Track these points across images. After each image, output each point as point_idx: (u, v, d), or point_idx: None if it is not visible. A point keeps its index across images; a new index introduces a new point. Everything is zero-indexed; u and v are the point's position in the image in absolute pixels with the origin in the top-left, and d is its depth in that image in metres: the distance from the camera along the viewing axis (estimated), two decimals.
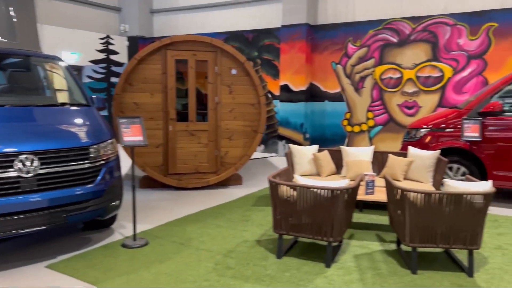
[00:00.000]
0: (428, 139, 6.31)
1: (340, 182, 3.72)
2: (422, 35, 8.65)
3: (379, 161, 6.14)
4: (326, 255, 3.72)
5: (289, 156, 5.93)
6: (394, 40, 8.96)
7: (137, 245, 4.10)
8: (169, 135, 6.46)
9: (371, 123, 9.44)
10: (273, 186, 3.81)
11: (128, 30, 12.32)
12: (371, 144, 9.45)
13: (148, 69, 6.36)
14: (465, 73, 8.29)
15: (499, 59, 7.95)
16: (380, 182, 5.58)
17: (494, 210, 5.63)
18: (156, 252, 3.99)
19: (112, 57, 11.77)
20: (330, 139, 9.97)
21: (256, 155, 10.44)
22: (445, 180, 3.63)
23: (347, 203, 3.78)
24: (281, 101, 10.07)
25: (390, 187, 3.89)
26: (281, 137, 10.17)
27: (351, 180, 5.62)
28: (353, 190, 3.88)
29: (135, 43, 12.14)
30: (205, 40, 6.45)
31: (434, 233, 3.54)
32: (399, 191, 3.63)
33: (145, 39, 12.25)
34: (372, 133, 9.45)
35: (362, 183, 5.41)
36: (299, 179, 3.80)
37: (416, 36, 8.71)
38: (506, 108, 5.81)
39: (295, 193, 3.70)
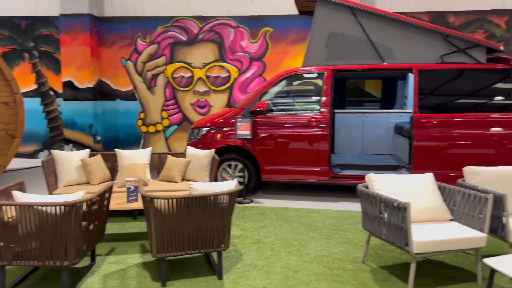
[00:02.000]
0: (208, 138, 6.32)
1: (74, 195, 3.17)
2: (209, 35, 8.79)
3: (157, 163, 5.84)
4: (61, 283, 3.13)
5: (47, 164, 5.04)
6: (183, 38, 8.87)
7: None
8: None
9: (166, 122, 9.17)
10: None
11: None
12: (167, 145, 9.20)
13: None
14: (248, 74, 8.77)
15: (275, 61, 8.66)
16: (157, 185, 5.28)
17: (265, 203, 5.96)
18: None
19: None
20: (125, 141, 9.31)
21: (38, 162, 8.99)
22: (189, 183, 3.48)
23: (88, 217, 3.27)
24: (65, 99, 8.89)
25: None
26: (68, 141, 8.99)
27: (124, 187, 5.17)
28: (98, 201, 3.39)
29: None
30: None
31: (182, 239, 3.34)
32: (145, 198, 3.30)
33: None
34: (167, 133, 9.19)
35: (123, 189, 4.99)
36: (18, 196, 3.09)
37: (204, 35, 8.81)
38: (273, 108, 6.22)
39: (15, 213, 2.99)
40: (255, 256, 3.96)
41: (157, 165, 5.85)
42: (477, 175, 3.84)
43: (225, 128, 6.29)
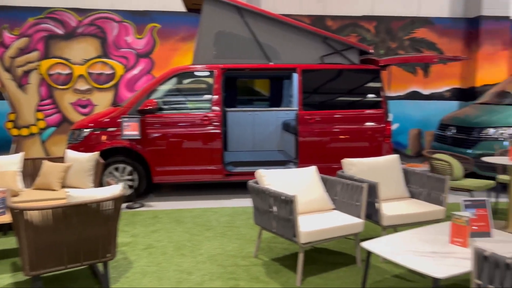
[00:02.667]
0: (91, 139, 5.86)
1: None
2: (90, 29, 8.15)
3: (31, 169, 5.21)
4: None
5: None
6: (60, 32, 8.08)
7: None
8: None
9: (42, 124, 8.27)
10: None
11: None
12: (45, 149, 8.31)
13: None
14: (135, 71, 8.36)
15: (164, 58, 8.40)
16: (31, 194, 4.70)
17: (158, 206, 5.74)
18: None
19: None
20: None
21: None
22: (67, 190, 3.16)
23: None
24: None
25: None
26: None
27: None
28: None
29: None
30: None
31: (61, 253, 3.02)
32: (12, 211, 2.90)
33: None
34: (44, 136, 8.30)
35: None
36: None
37: (84, 29, 8.14)
38: (164, 106, 6.00)
39: None
40: (146, 262, 3.78)
41: (31, 172, 5.22)
42: (354, 166, 4.20)
43: (110, 129, 5.90)
